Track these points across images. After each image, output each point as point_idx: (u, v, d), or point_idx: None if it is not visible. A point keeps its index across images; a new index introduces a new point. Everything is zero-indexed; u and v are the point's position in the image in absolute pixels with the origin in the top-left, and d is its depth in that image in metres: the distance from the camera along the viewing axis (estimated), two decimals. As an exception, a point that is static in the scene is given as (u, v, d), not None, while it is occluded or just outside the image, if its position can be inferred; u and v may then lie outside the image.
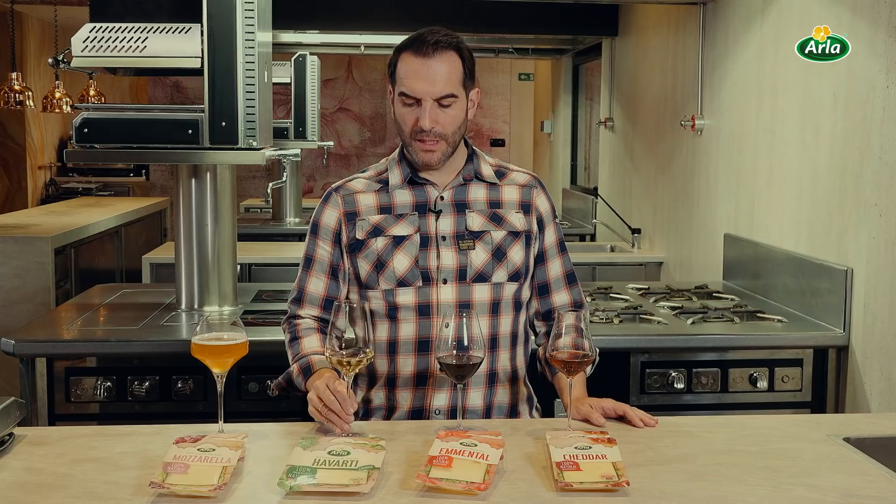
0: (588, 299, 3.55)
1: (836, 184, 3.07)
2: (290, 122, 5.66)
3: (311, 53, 5.71)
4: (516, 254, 2.15)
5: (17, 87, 6.72)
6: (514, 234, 2.16)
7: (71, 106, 7.34)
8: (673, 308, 3.39)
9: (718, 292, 3.73)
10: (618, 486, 1.61)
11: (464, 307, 2.10)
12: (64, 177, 10.34)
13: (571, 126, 7.50)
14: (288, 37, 5.85)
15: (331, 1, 5.50)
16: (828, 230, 3.14)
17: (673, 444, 1.88)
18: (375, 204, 2.16)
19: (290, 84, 5.63)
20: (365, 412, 2.19)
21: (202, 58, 2.92)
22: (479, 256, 2.12)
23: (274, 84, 3.36)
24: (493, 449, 1.70)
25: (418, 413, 2.13)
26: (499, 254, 2.13)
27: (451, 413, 2.11)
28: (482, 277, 2.12)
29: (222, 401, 1.88)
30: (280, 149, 3.57)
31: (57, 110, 7.32)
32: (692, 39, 4.37)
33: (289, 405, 2.88)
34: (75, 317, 3.17)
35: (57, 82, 7.29)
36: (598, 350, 1.94)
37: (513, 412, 2.19)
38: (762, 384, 3.04)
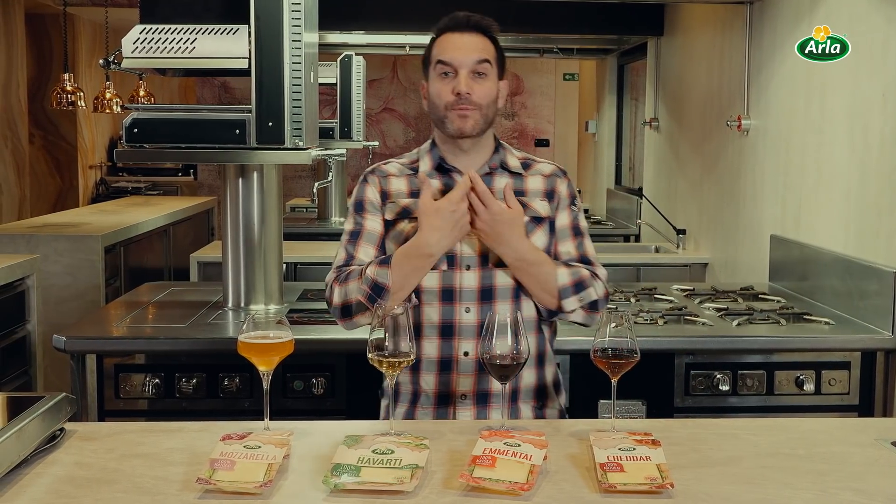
0: (632, 300, 3.53)
1: (885, 185, 3.03)
2: (336, 123, 5.69)
3: (357, 54, 5.74)
4: (538, 239, 2.17)
5: (69, 88, 6.84)
6: (537, 220, 2.19)
7: (121, 106, 7.46)
8: (718, 309, 3.36)
9: (764, 294, 3.70)
10: (662, 488, 1.60)
11: (486, 293, 2.13)
12: (114, 176, 10.50)
13: (616, 126, 7.45)
14: (334, 37, 5.88)
15: (376, 1, 5.51)
16: (876, 232, 3.10)
17: (718, 446, 1.87)
18: (406, 189, 2.23)
19: (335, 84, 5.66)
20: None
21: (249, 58, 2.95)
22: None
23: (320, 84, 3.38)
24: (537, 449, 1.70)
25: (444, 399, 2.16)
26: None
27: (478, 398, 2.14)
28: (504, 262, 2.13)
29: (268, 398, 1.90)
30: (326, 149, 3.59)
31: (107, 110, 7.45)
32: (739, 39, 4.33)
33: (334, 404, 2.90)
34: (124, 314, 3.22)
35: (108, 83, 7.42)
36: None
37: (539, 395, 2.22)
38: (809, 387, 3.00)
